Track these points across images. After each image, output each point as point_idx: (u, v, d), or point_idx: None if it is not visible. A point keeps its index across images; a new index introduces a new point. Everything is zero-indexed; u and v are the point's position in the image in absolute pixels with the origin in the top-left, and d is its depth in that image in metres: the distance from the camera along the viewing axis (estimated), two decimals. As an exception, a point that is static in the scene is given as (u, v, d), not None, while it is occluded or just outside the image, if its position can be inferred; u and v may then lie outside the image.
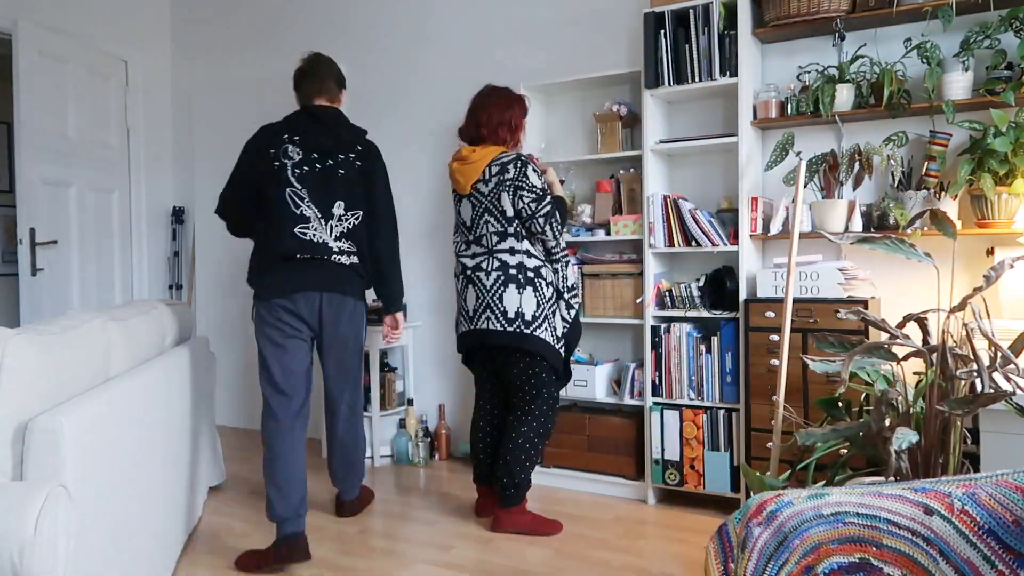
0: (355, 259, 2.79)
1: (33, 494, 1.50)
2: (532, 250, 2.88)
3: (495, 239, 2.87)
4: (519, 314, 2.82)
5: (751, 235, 3.07)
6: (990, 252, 2.79)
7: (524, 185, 2.82)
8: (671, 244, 3.19)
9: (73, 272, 4.25)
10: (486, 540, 2.86)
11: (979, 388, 1.81)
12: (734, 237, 3.09)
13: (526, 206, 2.82)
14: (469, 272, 2.92)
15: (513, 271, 2.84)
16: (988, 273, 1.91)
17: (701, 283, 3.17)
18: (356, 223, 2.79)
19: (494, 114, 2.92)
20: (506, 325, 2.83)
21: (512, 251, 2.86)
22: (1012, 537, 1.09)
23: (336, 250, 2.73)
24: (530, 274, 2.86)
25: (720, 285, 3.12)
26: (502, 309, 2.83)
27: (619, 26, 3.59)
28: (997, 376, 1.85)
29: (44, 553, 1.46)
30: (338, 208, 2.74)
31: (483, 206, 2.88)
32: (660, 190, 3.30)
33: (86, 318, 2.06)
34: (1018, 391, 1.81)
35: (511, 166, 2.84)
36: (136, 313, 2.53)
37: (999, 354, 1.84)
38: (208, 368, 3.27)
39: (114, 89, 4.64)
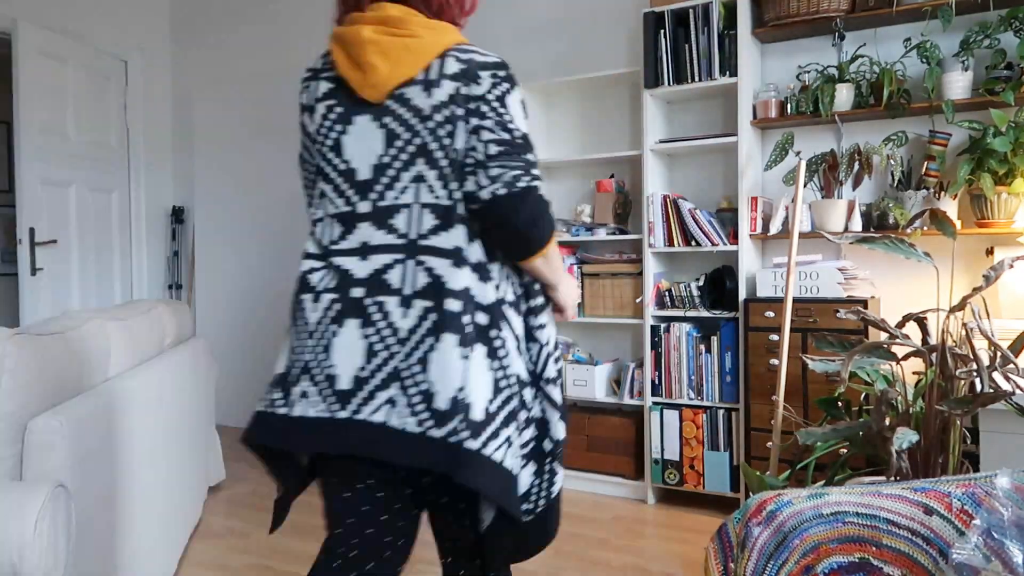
0: None
1: (33, 494, 1.50)
2: (490, 263, 1.36)
3: (428, 219, 1.33)
4: (457, 402, 1.26)
5: (751, 235, 3.07)
6: (990, 252, 2.79)
7: (499, 117, 1.32)
8: (671, 244, 3.19)
9: (73, 272, 4.25)
10: (486, 540, 2.87)
11: (979, 388, 1.81)
12: (734, 237, 3.09)
13: (486, 154, 1.31)
14: (357, 291, 1.33)
15: (453, 303, 1.29)
16: (987, 273, 1.91)
17: (701, 283, 3.17)
18: None
19: None
20: (430, 424, 1.26)
21: (459, 257, 1.32)
22: (1012, 537, 1.09)
23: None
24: (483, 317, 1.33)
25: (720, 285, 3.12)
26: (424, 386, 1.27)
27: (619, 26, 3.59)
28: (997, 376, 1.85)
29: (44, 553, 1.46)
30: None
31: (409, 138, 1.33)
32: (660, 190, 3.30)
33: (86, 318, 2.06)
34: (1018, 391, 1.81)
35: (487, 74, 1.33)
36: (136, 313, 2.53)
37: (999, 354, 1.84)
38: (208, 368, 3.28)
39: (114, 89, 4.64)
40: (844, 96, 2.93)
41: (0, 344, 1.61)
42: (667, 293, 3.23)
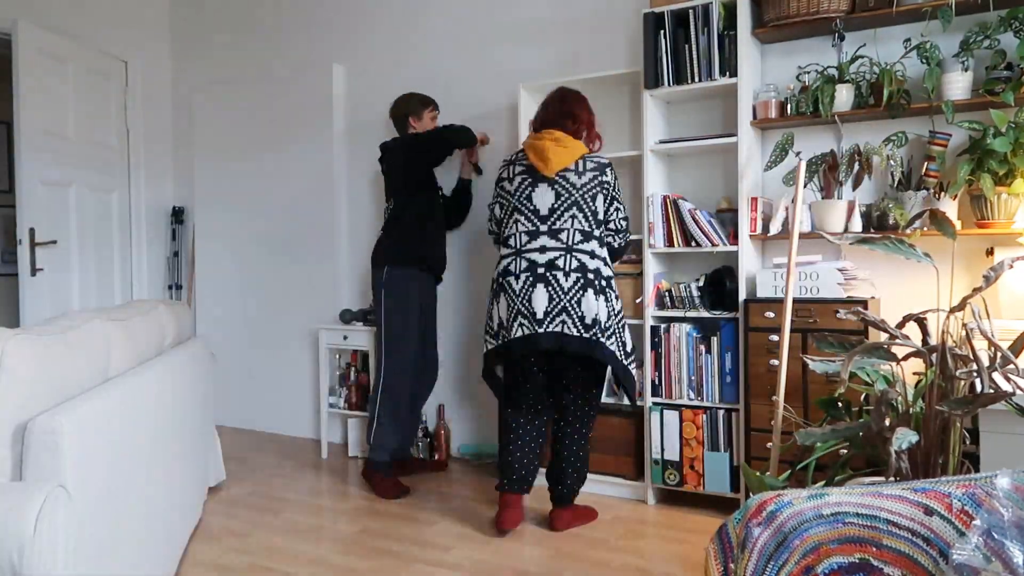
0: (381, 233, 3.60)
1: (33, 494, 1.50)
2: (608, 259, 2.89)
3: (577, 237, 2.78)
4: (596, 321, 2.73)
5: (751, 235, 3.07)
6: (990, 252, 2.79)
7: (620, 200, 2.93)
8: (671, 244, 3.19)
9: (73, 272, 4.25)
10: (486, 540, 2.86)
11: (979, 388, 1.81)
12: (734, 237, 3.09)
13: (619, 222, 2.91)
14: (541, 270, 2.75)
15: (591, 275, 2.75)
16: (987, 273, 1.91)
17: (701, 283, 3.17)
18: (390, 209, 3.62)
19: (581, 114, 2.96)
20: (583, 331, 2.71)
21: (593, 255, 2.79)
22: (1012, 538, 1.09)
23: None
24: (603, 283, 2.79)
25: (720, 285, 3.12)
26: (580, 314, 2.71)
27: (619, 26, 3.59)
28: (997, 376, 1.85)
29: (44, 553, 1.46)
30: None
31: (572, 198, 2.80)
32: (660, 190, 3.30)
33: (86, 318, 2.06)
34: (1018, 391, 1.81)
35: (609, 171, 2.88)
36: (136, 313, 2.53)
37: (999, 354, 1.84)
38: (208, 368, 3.27)
39: (114, 89, 4.64)
40: (844, 96, 2.93)
41: (0, 344, 1.61)
42: (667, 293, 3.23)
